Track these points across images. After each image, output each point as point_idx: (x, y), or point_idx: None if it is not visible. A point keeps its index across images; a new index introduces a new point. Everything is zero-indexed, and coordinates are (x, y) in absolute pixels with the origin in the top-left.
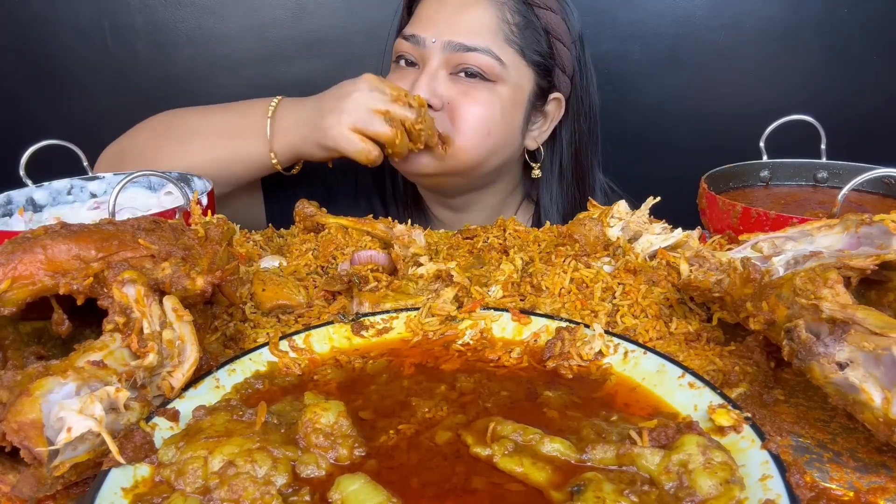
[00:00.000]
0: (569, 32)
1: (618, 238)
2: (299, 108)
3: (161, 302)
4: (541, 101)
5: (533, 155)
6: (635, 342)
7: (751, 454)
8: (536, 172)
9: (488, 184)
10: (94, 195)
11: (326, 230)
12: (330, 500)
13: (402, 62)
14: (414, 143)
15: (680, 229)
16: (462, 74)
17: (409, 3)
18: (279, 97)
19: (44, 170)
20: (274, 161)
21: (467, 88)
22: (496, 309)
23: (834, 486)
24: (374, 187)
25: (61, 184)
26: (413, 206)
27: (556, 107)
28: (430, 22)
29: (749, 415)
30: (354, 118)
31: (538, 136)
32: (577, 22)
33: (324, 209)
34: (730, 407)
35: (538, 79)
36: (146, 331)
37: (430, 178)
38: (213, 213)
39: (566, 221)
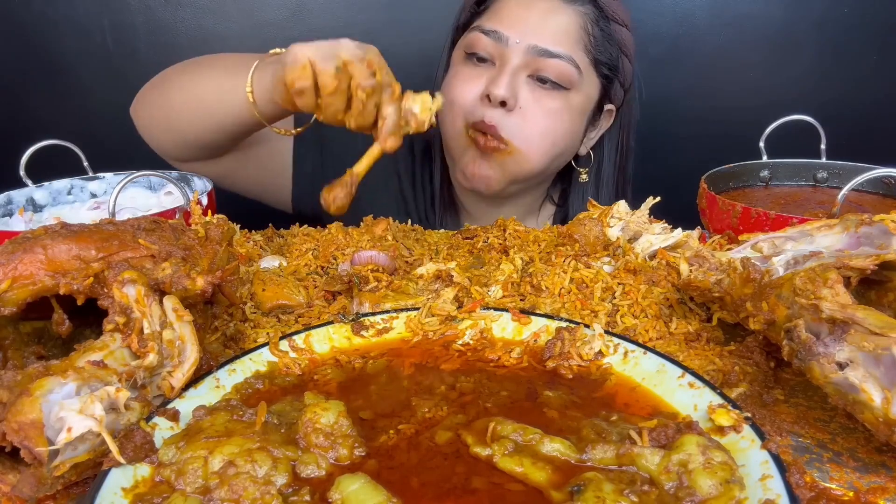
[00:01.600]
0: (634, 49)
1: (618, 238)
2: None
3: (161, 302)
4: (598, 111)
5: (577, 159)
6: (635, 342)
7: (751, 454)
8: (584, 177)
9: (533, 185)
10: (94, 195)
11: (327, 230)
12: (330, 500)
13: (475, 58)
14: (345, 112)
15: (680, 229)
16: (538, 79)
17: (480, 1)
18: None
19: (44, 170)
20: (248, 89)
21: (541, 96)
22: (496, 309)
23: (834, 486)
24: (407, 174)
25: (61, 184)
26: (446, 196)
27: (607, 117)
28: (514, 21)
29: (749, 415)
30: (318, 47)
31: (587, 142)
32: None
33: None
34: (730, 407)
35: (602, 89)
36: (146, 331)
37: (492, 190)
38: (213, 213)
39: None
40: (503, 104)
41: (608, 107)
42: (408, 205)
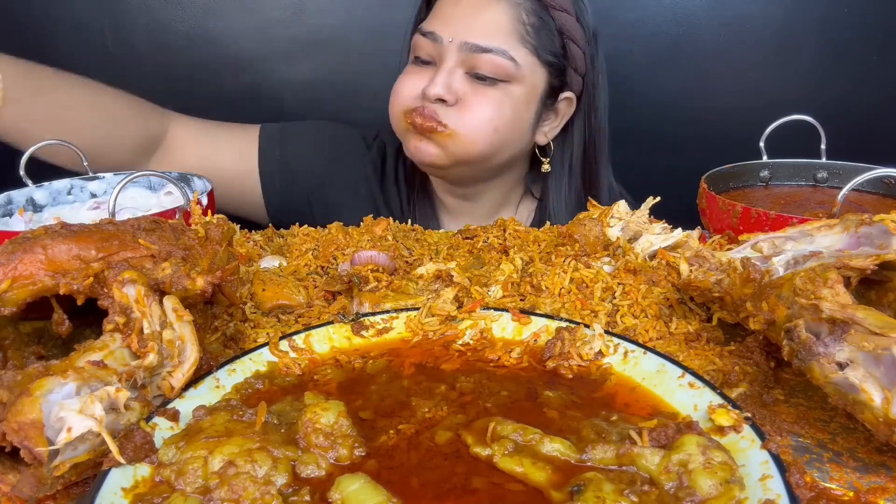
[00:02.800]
0: (583, 32)
1: (618, 238)
2: None
3: (161, 302)
4: (552, 99)
5: (543, 150)
6: (635, 342)
7: (751, 454)
8: (546, 167)
9: (496, 175)
10: (94, 195)
11: (327, 230)
12: (330, 500)
13: (419, 61)
14: None
15: (680, 229)
16: (475, 76)
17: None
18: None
19: (44, 170)
20: None
21: (480, 89)
22: (496, 309)
23: (834, 486)
24: (374, 174)
25: (61, 184)
26: (421, 191)
27: (566, 105)
28: (447, 20)
29: (749, 415)
30: None
31: (549, 132)
32: (590, 20)
33: None
34: (730, 407)
35: (551, 78)
36: (146, 331)
37: (440, 170)
38: (213, 213)
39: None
40: (442, 101)
41: (566, 94)
42: (378, 204)
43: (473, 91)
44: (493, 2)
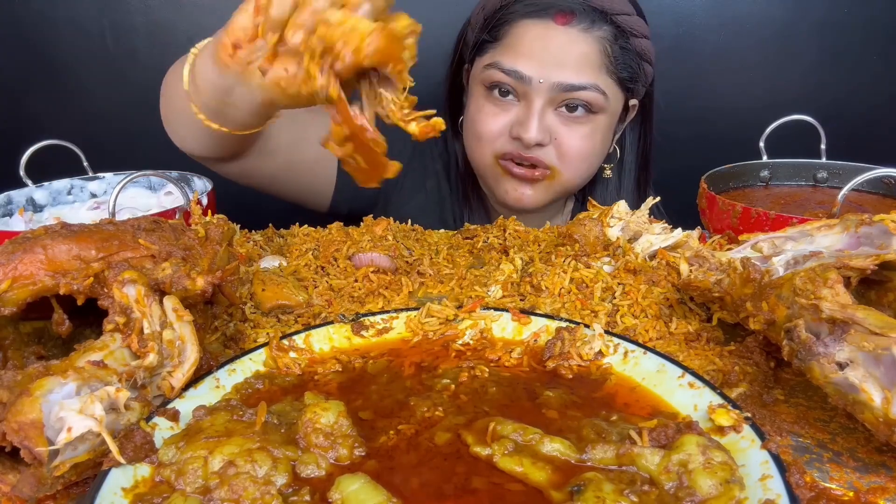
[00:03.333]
0: (654, 53)
1: (618, 238)
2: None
3: (161, 302)
4: (623, 112)
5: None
6: (635, 342)
7: (751, 454)
8: (608, 173)
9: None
10: (94, 195)
11: (327, 230)
12: (330, 500)
13: (496, 92)
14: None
15: (680, 229)
16: (564, 108)
17: (490, 22)
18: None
19: (44, 170)
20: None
21: (572, 124)
22: (496, 309)
23: (834, 486)
24: (443, 170)
25: (61, 184)
26: (473, 193)
27: (630, 111)
28: (534, 58)
29: (749, 415)
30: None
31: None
32: None
33: None
34: (730, 407)
35: (625, 97)
36: (146, 331)
37: (535, 210)
38: (213, 213)
39: None
40: (538, 145)
41: (632, 103)
42: (443, 202)
43: (567, 128)
44: (580, 38)
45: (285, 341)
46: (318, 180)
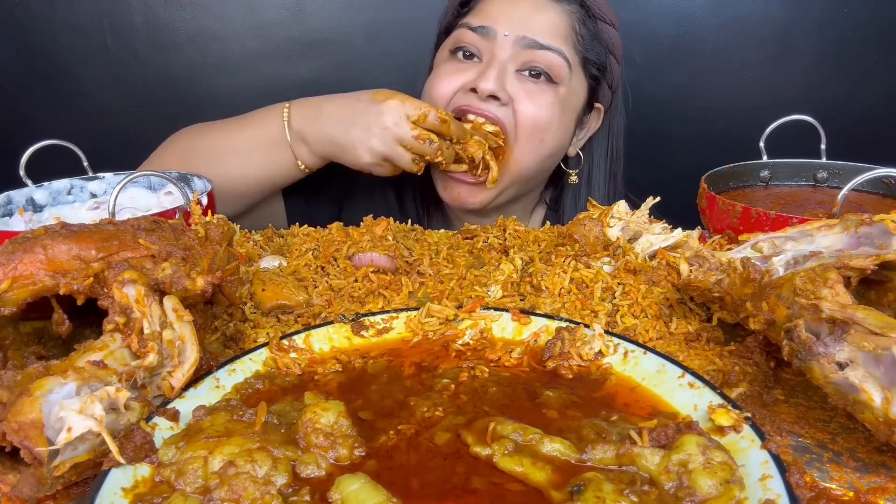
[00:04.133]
0: (621, 48)
1: (618, 238)
2: (319, 120)
3: (161, 302)
4: (586, 112)
5: (566, 161)
6: (635, 342)
7: (751, 454)
8: (573, 179)
9: (524, 193)
10: (94, 195)
11: (327, 230)
12: (330, 500)
13: (461, 54)
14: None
15: (680, 229)
16: (527, 73)
17: (465, 1)
18: (287, 103)
19: (44, 170)
20: (303, 168)
21: (531, 88)
22: (496, 309)
23: (834, 486)
24: (390, 182)
25: (61, 184)
26: (434, 205)
27: (595, 117)
28: (502, 16)
29: (749, 415)
30: (381, 149)
31: (576, 143)
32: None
33: None
34: (730, 407)
35: (589, 90)
36: (146, 331)
37: (480, 207)
38: (213, 213)
39: None
40: (493, 98)
41: (597, 106)
42: (395, 215)
43: (526, 93)
44: (550, 6)
45: (285, 341)
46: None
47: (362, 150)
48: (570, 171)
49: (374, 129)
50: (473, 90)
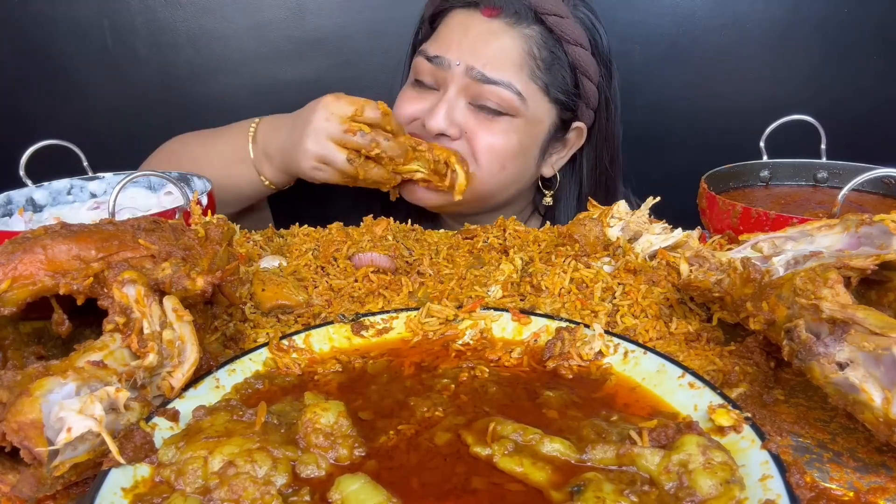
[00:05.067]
0: (597, 66)
1: (618, 238)
2: (277, 133)
3: (161, 302)
4: (562, 132)
5: (547, 181)
6: (635, 342)
7: (751, 454)
8: (548, 200)
9: (501, 207)
10: (94, 195)
11: (327, 230)
12: (330, 500)
13: (421, 84)
14: (385, 166)
15: (680, 229)
16: (479, 108)
17: (433, 17)
18: (258, 119)
19: (44, 170)
20: (267, 183)
21: (485, 121)
22: (496, 309)
23: (834, 486)
24: (375, 192)
25: (61, 184)
26: (421, 212)
27: (577, 135)
28: (454, 44)
29: (749, 415)
30: (315, 150)
31: (556, 162)
32: (606, 47)
33: None
34: (730, 407)
35: (561, 113)
36: (146, 331)
37: (441, 209)
38: (213, 213)
39: None
40: (444, 135)
41: (576, 125)
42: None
43: (478, 123)
44: (504, 31)
45: (285, 341)
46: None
47: (300, 154)
48: (546, 192)
49: (308, 128)
50: (423, 125)
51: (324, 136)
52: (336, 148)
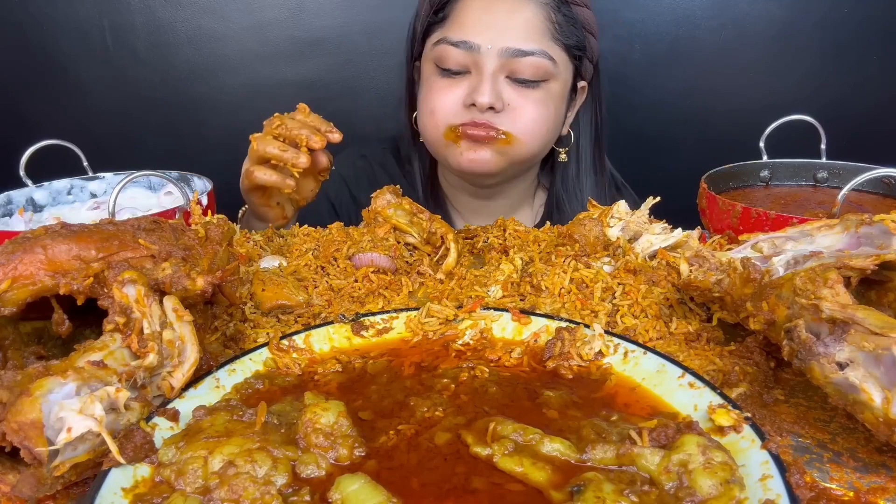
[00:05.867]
0: (596, 23)
1: (618, 238)
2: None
3: (161, 302)
4: (572, 92)
5: (558, 141)
6: (635, 342)
7: (751, 454)
8: (563, 157)
9: (524, 172)
10: (94, 195)
11: (327, 230)
12: (330, 500)
13: (448, 70)
14: (300, 146)
15: (680, 229)
16: (516, 80)
17: (435, 4)
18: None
19: (44, 170)
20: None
21: (525, 92)
22: (496, 309)
23: (834, 486)
24: (388, 179)
25: (61, 184)
26: (431, 197)
27: (580, 94)
28: (480, 26)
29: (749, 415)
30: (245, 167)
31: (567, 122)
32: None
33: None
34: (730, 407)
35: (574, 70)
36: (146, 331)
37: (493, 177)
38: (213, 213)
39: (584, 206)
40: (492, 109)
41: (581, 84)
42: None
43: (519, 95)
44: (523, 4)
45: (285, 341)
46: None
47: (242, 181)
48: (560, 150)
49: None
50: (471, 104)
51: (252, 159)
52: (260, 168)
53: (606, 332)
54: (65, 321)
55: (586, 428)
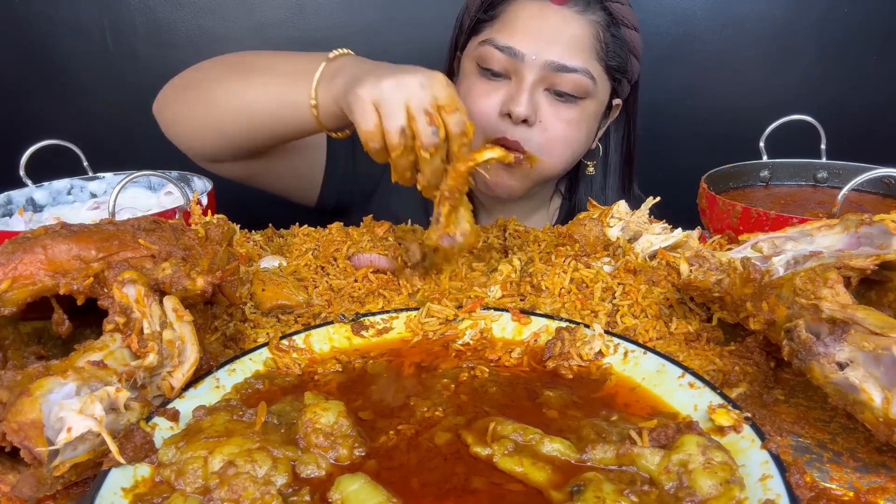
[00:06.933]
0: (641, 47)
1: (618, 238)
2: (360, 64)
3: (161, 302)
4: (607, 109)
5: (586, 154)
6: (635, 342)
7: (751, 454)
8: (591, 170)
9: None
10: (94, 195)
11: (327, 230)
12: (330, 500)
13: (489, 73)
14: (413, 168)
15: (680, 229)
16: (555, 93)
17: (489, 3)
18: (348, 51)
19: (44, 170)
20: (312, 102)
21: (559, 108)
22: (496, 309)
23: (834, 486)
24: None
25: (61, 184)
26: (422, 211)
27: (614, 110)
28: (528, 35)
29: (749, 415)
30: (383, 95)
31: (596, 137)
32: None
33: None
34: (730, 407)
35: (612, 91)
36: (146, 331)
37: (514, 199)
38: (213, 213)
39: None
40: (525, 122)
41: (616, 102)
42: (427, 203)
43: (553, 111)
44: (575, 20)
45: (285, 341)
46: (311, 172)
47: (367, 83)
48: (588, 163)
49: (398, 74)
50: (506, 114)
51: (404, 93)
52: (403, 112)
53: (606, 332)
54: (65, 321)
55: (586, 428)
